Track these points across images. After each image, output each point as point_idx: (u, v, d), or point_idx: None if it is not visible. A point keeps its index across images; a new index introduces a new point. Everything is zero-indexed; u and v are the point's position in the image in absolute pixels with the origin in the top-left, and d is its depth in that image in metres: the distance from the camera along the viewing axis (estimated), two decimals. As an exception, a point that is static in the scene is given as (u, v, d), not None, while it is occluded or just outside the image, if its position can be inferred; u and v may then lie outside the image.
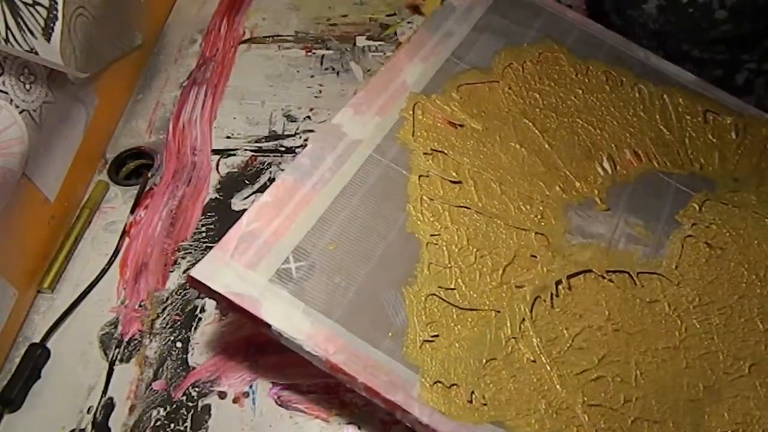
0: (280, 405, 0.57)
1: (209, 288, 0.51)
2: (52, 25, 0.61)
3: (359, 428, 0.56)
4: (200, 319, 0.62)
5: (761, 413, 0.53)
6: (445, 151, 0.63)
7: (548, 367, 0.51)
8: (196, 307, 0.63)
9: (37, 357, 0.59)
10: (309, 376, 0.58)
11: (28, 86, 0.61)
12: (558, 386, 0.51)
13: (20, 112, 0.59)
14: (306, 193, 0.56)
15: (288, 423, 0.56)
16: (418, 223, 0.58)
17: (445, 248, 0.56)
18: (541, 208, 0.61)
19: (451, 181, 0.61)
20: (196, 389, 0.58)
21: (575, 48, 0.79)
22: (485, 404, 0.49)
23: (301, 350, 0.50)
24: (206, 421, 0.56)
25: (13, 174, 0.60)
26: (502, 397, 0.50)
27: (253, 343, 0.61)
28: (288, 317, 0.49)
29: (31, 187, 0.65)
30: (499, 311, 0.54)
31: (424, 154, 0.62)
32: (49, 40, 0.60)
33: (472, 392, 0.49)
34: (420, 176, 0.61)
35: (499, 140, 0.66)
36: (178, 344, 0.61)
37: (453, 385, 0.50)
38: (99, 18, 0.70)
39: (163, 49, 0.91)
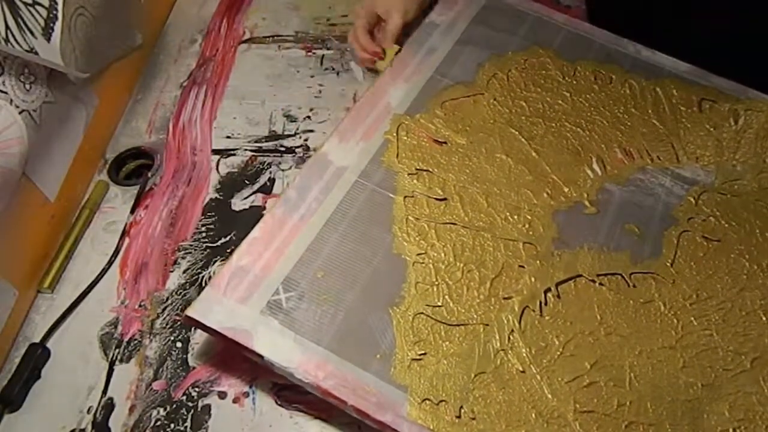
0: (280, 405, 0.56)
1: (204, 325, 0.52)
2: (52, 25, 0.59)
3: (359, 428, 0.54)
4: (200, 319, 0.69)
5: (765, 408, 0.51)
6: (431, 170, 0.63)
7: (538, 377, 0.51)
8: None
9: (37, 357, 0.58)
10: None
11: (28, 86, 0.60)
12: (548, 395, 0.50)
13: (20, 112, 0.58)
14: (294, 225, 0.57)
15: (288, 423, 0.55)
16: (404, 243, 0.58)
17: (431, 266, 0.56)
18: (528, 217, 0.60)
19: (436, 198, 0.61)
20: (196, 389, 0.57)
21: (563, 50, 0.77)
22: (474, 418, 0.49)
23: (293, 377, 0.51)
24: (206, 421, 0.55)
25: (13, 174, 0.59)
26: (492, 410, 0.49)
27: None
28: (279, 347, 0.51)
29: (31, 187, 0.63)
30: (487, 324, 0.54)
31: (409, 174, 0.62)
32: (49, 40, 0.59)
33: (461, 407, 0.49)
34: (405, 197, 0.61)
35: (484, 152, 0.65)
36: (178, 344, 0.60)
37: (441, 401, 0.49)
38: (99, 18, 0.68)
39: (163, 49, 0.88)
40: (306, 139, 0.76)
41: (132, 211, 0.70)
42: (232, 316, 0.52)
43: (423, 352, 0.51)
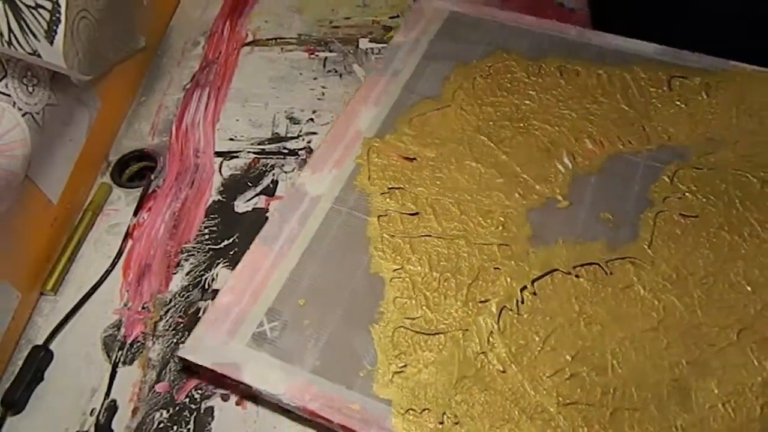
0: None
1: (194, 364, 0.53)
2: (55, 27, 0.58)
3: None
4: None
5: (754, 380, 0.49)
6: (402, 186, 0.63)
7: (519, 375, 0.50)
8: (199, 309, 0.60)
9: (40, 359, 0.57)
10: None
11: (30, 89, 0.58)
12: (531, 391, 0.50)
13: (23, 115, 0.57)
14: (275, 257, 0.58)
15: (291, 425, 0.54)
16: (381, 261, 0.58)
17: (408, 280, 0.56)
18: (501, 219, 0.60)
19: (409, 214, 0.61)
20: (199, 391, 0.56)
21: (528, 52, 0.75)
22: (457, 423, 0.48)
23: (281, 403, 0.52)
24: (209, 424, 0.54)
25: (15, 176, 0.57)
26: (475, 412, 0.49)
27: None
28: (266, 376, 0.52)
29: (34, 190, 0.61)
30: (466, 330, 0.53)
31: (382, 194, 0.62)
32: (52, 42, 0.57)
33: (444, 413, 0.49)
34: (379, 216, 0.61)
35: (454, 162, 0.65)
36: (182, 346, 0.58)
37: (424, 410, 0.49)
38: (102, 21, 0.66)
39: (166, 52, 0.87)
40: (309, 141, 0.74)
41: (135, 214, 0.68)
42: (221, 353, 0.53)
43: (404, 364, 0.52)
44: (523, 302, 0.55)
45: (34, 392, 0.56)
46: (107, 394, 0.56)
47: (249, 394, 0.56)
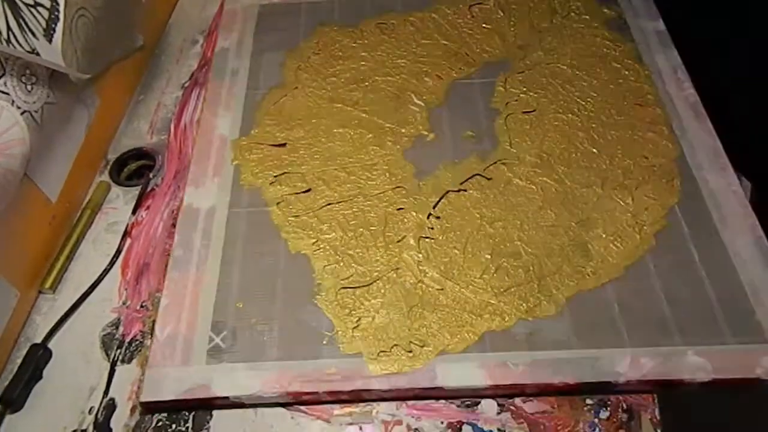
0: (281, 405, 0.51)
1: (164, 402, 0.49)
2: (53, 26, 0.52)
3: (360, 428, 0.50)
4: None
5: (625, 215, 0.57)
6: (286, 171, 0.63)
7: (456, 287, 0.53)
8: None
9: (39, 357, 0.51)
10: None
11: (29, 87, 0.53)
12: (470, 295, 0.53)
13: (22, 113, 0.52)
14: (194, 278, 0.56)
15: (289, 423, 0.50)
16: (297, 241, 0.57)
17: (329, 247, 0.57)
18: (385, 167, 0.62)
19: (303, 192, 0.61)
20: None
21: (343, 20, 0.77)
22: (423, 345, 0.50)
23: (262, 399, 0.49)
24: (207, 422, 0.50)
25: (14, 175, 0.51)
26: (434, 331, 0.51)
27: None
28: (237, 382, 0.49)
29: (32, 188, 0.55)
30: (397, 268, 0.55)
31: (271, 184, 0.61)
32: (50, 41, 0.52)
33: (409, 342, 0.51)
34: (277, 203, 0.60)
35: (323, 134, 0.65)
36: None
37: (393, 346, 0.50)
38: (100, 19, 0.59)
39: (164, 50, 0.79)
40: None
41: (133, 212, 0.62)
42: (183, 381, 0.49)
43: (357, 318, 0.52)
44: (432, 228, 0.57)
45: (33, 390, 0.51)
46: (106, 392, 0.51)
47: (230, 407, 0.51)
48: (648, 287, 0.53)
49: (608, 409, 0.49)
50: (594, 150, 0.63)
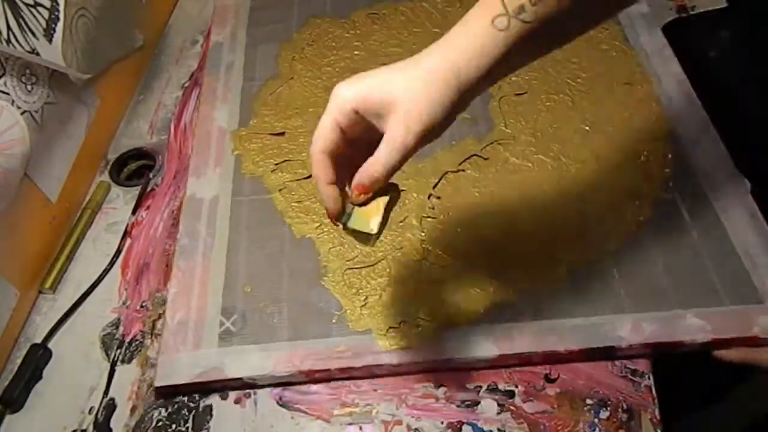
0: (281, 405, 0.51)
1: (178, 386, 0.50)
2: (53, 26, 0.53)
3: (360, 428, 0.49)
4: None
5: (622, 189, 0.59)
6: (287, 159, 0.63)
7: (460, 263, 0.55)
8: None
9: (39, 357, 0.52)
10: None
11: (29, 87, 0.53)
12: (474, 269, 0.54)
13: (22, 113, 0.52)
14: (202, 265, 0.56)
15: (289, 423, 0.49)
16: (301, 225, 0.58)
17: (333, 230, 0.57)
18: None
19: (305, 178, 0.61)
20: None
21: (335, 11, 0.78)
22: (431, 320, 0.52)
23: (276, 378, 0.50)
24: (207, 422, 0.49)
25: (14, 175, 0.51)
26: (441, 306, 0.52)
27: None
28: (249, 363, 0.50)
29: (32, 188, 0.55)
30: (401, 248, 0.55)
31: (272, 172, 0.62)
32: (50, 41, 0.52)
33: (417, 318, 0.51)
34: (279, 190, 0.61)
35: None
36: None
37: (401, 322, 0.51)
38: (100, 19, 0.59)
39: (164, 50, 0.78)
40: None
41: (133, 212, 0.62)
42: (196, 365, 0.50)
43: (365, 296, 0.53)
44: (433, 208, 0.58)
45: (33, 390, 0.51)
46: (106, 392, 0.51)
47: (244, 387, 0.51)
48: (646, 256, 0.55)
49: (608, 409, 0.49)
50: (586, 128, 0.64)
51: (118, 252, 0.59)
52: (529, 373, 0.51)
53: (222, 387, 0.50)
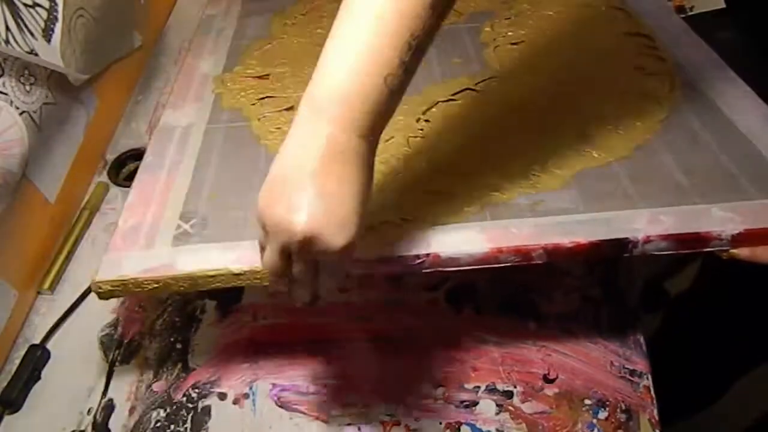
0: (280, 406, 0.50)
1: (120, 282, 0.44)
2: (52, 26, 0.52)
3: (359, 429, 0.48)
4: (200, 320, 0.54)
5: (629, 110, 0.56)
6: (271, 95, 0.62)
7: (449, 171, 0.52)
8: (195, 308, 0.55)
9: (37, 358, 0.51)
10: (309, 377, 0.51)
11: (28, 88, 0.53)
12: (466, 178, 0.51)
13: (20, 114, 0.51)
14: (166, 179, 0.53)
15: (288, 424, 0.49)
16: (279, 145, 0.63)
17: None
18: None
19: (285, 109, 0.59)
20: (196, 390, 0.51)
21: None
22: (412, 219, 0.48)
23: (234, 277, 0.45)
24: (206, 422, 0.49)
25: (13, 175, 0.50)
26: (428, 207, 0.49)
27: (253, 344, 0.53)
28: (207, 259, 0.45)
29: (31, 189, 0.55)
30: (384, 161, 0.53)
31: (252, 105, 0.60)
32: (49, 41, 0.52)
33: (401, 219, 0.48)
34: (259, 119, 0.59)
35: (308, 67, 0.63)
36: (178, 345, 0.53)
37: (382, 223, 0.48)
38: (99, 20, 0.59)
39: (163, 51, 0.78)
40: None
41: None
42: (145, 261, 0.45)
43: None
44: (422, 129, 0.55)
45: (32, 391, 0.50)
46: (104, 393, 0.51)
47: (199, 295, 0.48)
48: (659, 162, 0.50)
49: (607, 409, 0.49)
50: (588, 65, 0.62)
51: (117, 252, 0.58)
52: (527, 373, 0.50)
53: (175, 292, 0.46)
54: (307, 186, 0.33)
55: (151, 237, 0.48)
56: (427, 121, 0.56)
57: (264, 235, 0.35)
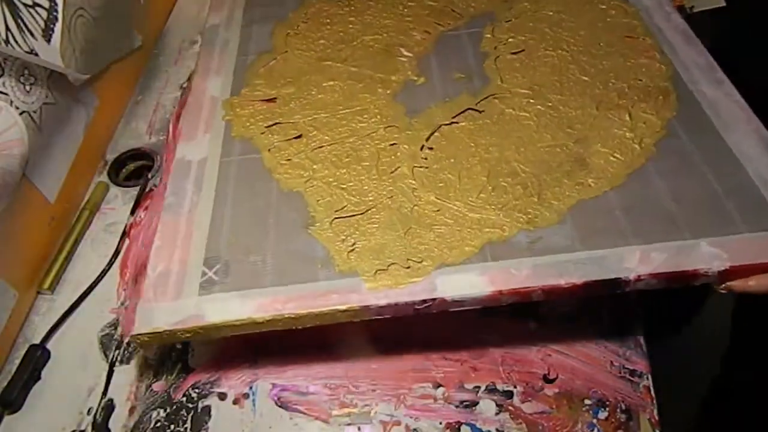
0: (280, 406, 0.50)
1: (155, 334, 0.47)
2: (52, 26, 0.52)
3: (358, 429, 0.49)
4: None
5: (625, 130, 0.56)
6: (278, 122, 0.62)
7: (453, 206, 0.52)
8: None
9: (37, 358, 0.51)
10: (309, 377, 0.51)
11: (28, 88, 0.53)
12: (469, 213, 0.52)
13: (20, 114, 0.51)
14: (187, 220, 0.54)
15: (288, 424, 0.49)
16: (289, 180, 0.56)
17: (322, 183, 0.56)
18: (376, 110, 0.62)
19: (294, 138, 0.60)
20: (196, 390, 0.51)
21: None
22: (420, 261, 0.49)
23: (257, 324, 0.47)
24: (206, 422, 0.49)
25: (13, 175, 0.50)
26: (432, 247, 0.50)
27: (253, 344, 0.52)
28: (230, 308, 0.48)
29: (31, 189, 0.55)
30: (391, 197, 0.54)
31: (262, 134, 0.61)
32: (49, 41, 0.52)
33: (407, 259, 0.49)
34: (269, 150, 0.59)
35: (314, 88, 0.65)
36: (178, 345, 0.53)
37: (390, 264, 0.49)
38: (99, 19, 0.58)
39: (163, 50, 0.78)
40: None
41: (132, 212, 0.61)
42: (176, 313, 0.48)
43: (353, 242, 0.51)
44: (426, 159, 0.56)
45: (31, 391, 0.50)
46: (104, 393, 0.50)
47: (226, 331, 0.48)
48: (652, 191, 0.51)
49: (607, 409, 0.49)
50: (586, 78, 0.62)
51: (117, 252, 0.58)
52: (527, 373, 0.50)
53: (202, 335, 0.48)
54: None
55: (179, 286, 0.50)
56: (430, 148, 0.58)
57: None
